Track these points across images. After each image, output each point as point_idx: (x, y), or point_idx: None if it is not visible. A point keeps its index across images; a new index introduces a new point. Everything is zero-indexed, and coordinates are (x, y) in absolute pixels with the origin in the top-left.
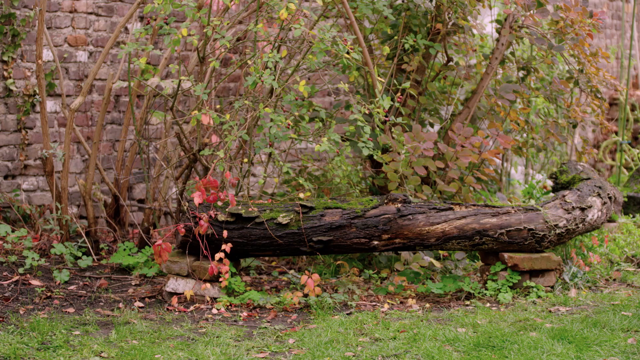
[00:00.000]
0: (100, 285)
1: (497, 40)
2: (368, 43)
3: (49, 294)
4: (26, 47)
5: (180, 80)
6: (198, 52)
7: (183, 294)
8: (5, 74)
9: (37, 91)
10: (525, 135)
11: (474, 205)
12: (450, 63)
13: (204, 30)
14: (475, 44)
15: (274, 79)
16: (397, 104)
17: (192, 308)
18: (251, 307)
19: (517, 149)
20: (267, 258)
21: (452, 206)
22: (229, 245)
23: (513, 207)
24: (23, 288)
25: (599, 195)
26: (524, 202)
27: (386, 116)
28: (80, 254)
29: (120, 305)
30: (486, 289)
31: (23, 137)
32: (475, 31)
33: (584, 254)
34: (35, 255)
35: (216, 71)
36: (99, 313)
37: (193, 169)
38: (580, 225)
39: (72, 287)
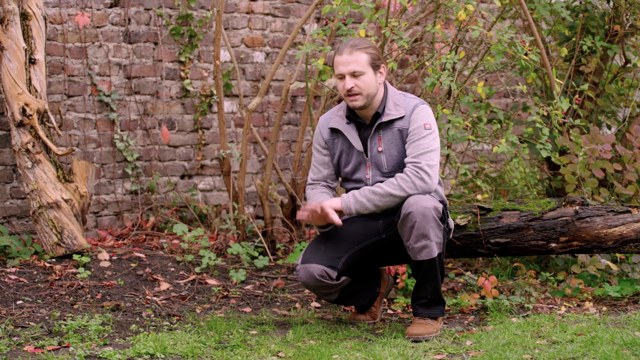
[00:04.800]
0: (276, 285)
1: None
2: (545, 45)
3: (225, 293)
4: (203, 48)
5: None
6: None
7: None
8: (182, 74)
9: (214, 92)
10: None
11: None
12: (628, 65)
13: (382, 32)
14: None
15: (452, 81)
16: (574, 106)
17: None
18: None
19: None
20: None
21: (630, 209)
22: None
23: None
24: (199, 287)
25: None
26: None
27: (564, 118)
28: (256, 254)
29: (297, 305)
30: None
31: (200, 137)
32: None
33: None
34: (212, 254)
35: (393, 72)
36: (276, 313)
37: None
38: None
39: (248, 287)
